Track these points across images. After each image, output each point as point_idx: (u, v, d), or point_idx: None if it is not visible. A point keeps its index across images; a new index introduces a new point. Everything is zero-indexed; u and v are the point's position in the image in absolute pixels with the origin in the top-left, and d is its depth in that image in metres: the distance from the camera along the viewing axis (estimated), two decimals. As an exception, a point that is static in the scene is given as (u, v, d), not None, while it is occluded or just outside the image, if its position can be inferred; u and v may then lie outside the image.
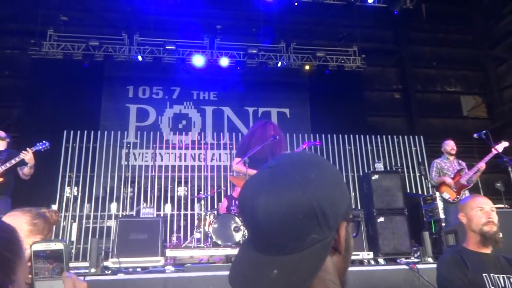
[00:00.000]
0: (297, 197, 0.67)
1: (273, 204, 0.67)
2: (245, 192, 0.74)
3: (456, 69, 12.10)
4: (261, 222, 0.67)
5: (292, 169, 0.71)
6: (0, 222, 0.70)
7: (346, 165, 9.26)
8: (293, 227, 0.67)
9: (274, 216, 0.66)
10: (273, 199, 0.67)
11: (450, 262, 2.33)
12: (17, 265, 0.67)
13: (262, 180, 0.71)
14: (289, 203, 0.67)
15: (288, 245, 0.67)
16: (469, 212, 2.40)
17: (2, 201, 4.87)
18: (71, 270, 1.12)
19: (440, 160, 6.18)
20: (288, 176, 0.70)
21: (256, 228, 0.69)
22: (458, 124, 11.43)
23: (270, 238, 0.68)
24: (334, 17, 10.68)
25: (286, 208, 0.66)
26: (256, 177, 0.75)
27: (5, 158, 4.93)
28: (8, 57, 10.02)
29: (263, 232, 0.68)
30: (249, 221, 0.70)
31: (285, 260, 0.67)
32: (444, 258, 2.42)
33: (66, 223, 7.84)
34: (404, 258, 4.94)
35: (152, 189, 8.44)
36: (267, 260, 0.68)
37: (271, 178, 0.71)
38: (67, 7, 9.87)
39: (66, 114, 8.86)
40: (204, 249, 5.12)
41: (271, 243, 0.68)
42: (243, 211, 0.72)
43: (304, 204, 0.67)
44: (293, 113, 10.26)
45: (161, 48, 9.69)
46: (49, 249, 1.07)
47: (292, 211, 0.66)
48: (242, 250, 0.75)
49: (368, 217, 5.64)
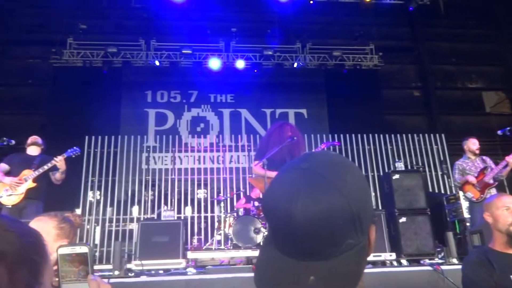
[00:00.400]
0: (337, 201, 0.65)
1: (313, 208, 0.64)
2: (275, 194, 0.69)
3: (477, 65, 11.85)
4: (299, 227, 0.64)
5: (328, 171, 0.68)
6: (26, 227, 0.71)
7: (365, 165, 9.16)
8: (332, 232, 0.65)
9: (314, 220, 0.63)
10: (313, 202, 0.64)
11: (475, 263, 2.27)
12: (44, 268, 0.69)
13: (296, 183, 0.67)
14: (329, 207, 0.64)
15: (325, 250, 0.65)
16: (495, 211, 2.33)
17: (34, 205, 5.01)
18: (96, 272, 1.14)
19: (461, 161, 6.00)
20: (325, 179, 0.67)
21: (292, 232, 0.65)
22: (480, 121, 11.18)
23: (306, 243, 0.65)
24: (349, 16, 10.60)
25: (326, 213, 0.64)
26: (287, 179, 0.70)
27: (38, 164, 5.09)
28: (30, 66, 10.30)
29: (300, 236, 0.65)
30: (282, 225, 0.66)
31: (320, 266, 0.65)
32: (470, 259, 2.36)
33: (89, 227, 7.97)
34: (427, 259, 4.86)
35: (172, 192, 8.52)
36: (301, 266, 0.65)
37: (306, 181, 0.67)
38: (86, 16, 10.08)
39: (87, 120, 9.05)
40: (225, 251, 5.14)
41: (307, 248, 0.65)
42: (275, 214, 0.68)
43: (344, 209, 0.65)
44: (311, 113, 10.21)
45: (177, 53, 9.80)
46: (75, 252, 1.09)
47: (332, 216, 0.64)
48: (266, 253, 0.72)
49: (389, 217, 5.56)
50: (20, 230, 0.68)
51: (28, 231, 0.70)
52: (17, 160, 5.25)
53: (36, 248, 0.68)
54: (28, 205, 4.99)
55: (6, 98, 10.10)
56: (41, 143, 5.44)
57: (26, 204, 5.00)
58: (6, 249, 0.63)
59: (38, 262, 0.67)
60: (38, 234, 0.72)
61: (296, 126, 5.30)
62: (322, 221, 0.64)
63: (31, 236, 0.70)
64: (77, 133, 8.50)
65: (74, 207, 7.90)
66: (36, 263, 0.67)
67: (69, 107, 9.25)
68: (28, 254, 0.66)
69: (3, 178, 5.07)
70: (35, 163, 5.10)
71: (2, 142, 5.15)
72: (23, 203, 5.00)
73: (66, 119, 9.09)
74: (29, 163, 5.13)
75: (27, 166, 5.10)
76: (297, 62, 10.20)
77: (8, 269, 0.62)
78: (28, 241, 0.68)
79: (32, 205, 4.99)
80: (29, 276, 0.65)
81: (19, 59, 10.36)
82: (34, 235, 0.71)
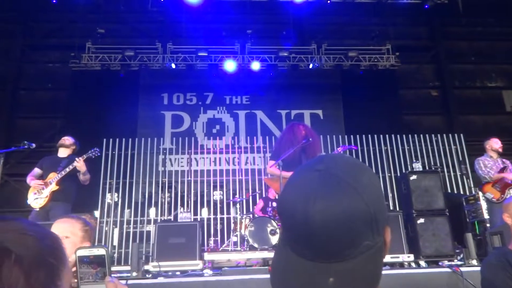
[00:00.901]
0: (356, 203, 0.65)
1: (331, 209, 0.64)
2: (291, 196, 0.69)
3: (496, 63, 11.62)
4: (317, 228, 0.64)
5: (344, 173, 0.68)
6: (44, 230, 0.72)
7: (382, 165, 9.06)
8: (350, 234, 0.65)
9: (332, 222, 0.63)
10: (331, 204, 0.64)
11: (495, 265, 2.23)
12: (61, 271, 0.70)
13: (313, 184, 0.67)
14: (347, 208, 0.64)
15: (343, 252, 0.65)
16: None
17: (61, 207, 5.07)
18: (113, 274, 1.16)
19: (483, 158, 5.95)
20: (342, 180, 0.67)
21: (309, 234, 0.65)
22: (500, 120, 10.96)
23: (324, 244, 0.65)
24: (365, 16, 10.50)
25: (345, 214, 0.64)
26: (302, 180, 0.70)
27: (64, 166, 5.16)
28: (50, 71, 10.52)
29: (317, 238, 0.64)
30: (299, 226, 0.66)
31: (339, 268, 0.65)
32: (489, 261, 2.32)
33: (108, 229, 8.08)
34: (446, 261, 4.78)
35: (188, 194, 8.58)
36: (319, 268, 0.65)
37: (322, 182, 0.67)
38: (103, 20, 10.24)
39: (105, 123, 9.20)
40: (241, 253, 5.15)
41: (325, 249, 0.65)
42: (291, 215, 0.68)
43: (362, 210, 0.65)
44: (326, 114, 10.16)
45: (193, 55, 9.87)
46: (92, 254, 1.12)
47: (351, 217, 0.64)
48: (282, 255, 0.72)
49: (407, 218, 5.49)
50: (37, 234, 0.69)
51: (46, 234, 0.71)
52: (47, 163, 5.36)
53: (53, 251, 0.70)
54: (54, 207, 5.06)
55: (26, 102, 10.34)
56: (70, 144, 5.46)
57: (52, 206, 5.08)
58: (22, 253, 0.64)
59: (55, 265, 0.68)
60: (56, 237, 0.73)
61: (311, 127, 5.28)
62: (340, 222, 0.64)
63: (49, 239, 0.71)
64: (95, 136, 8.63)
65: (93, 209, 8.02)
66: (53, 266, 0.68)
67: (88, 110, 9.43)
68: (45, 257, 0.67)
69: (30, 181, 5.18)
70: (61, 166, 5.18)
71: (23, 145, 5.25)
72: (49, 205, 5.08)
73: (84, 122, 9.25)
74: (56, 166, 5.21)
75: (54, 169, 5.18)
76: (313, 63, 10.17)
77: (24, 272, 0.63)
78: (46, 244, 0.69)
79: (58, 207, 5.05)
80: (46, 279, 0.66)
81: (38, 64, 10.59)
82: (52, 238, 0.72)
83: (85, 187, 5.64)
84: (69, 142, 5.47)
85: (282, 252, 0.71)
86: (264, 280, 3.47)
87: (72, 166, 5.09)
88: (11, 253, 0.63)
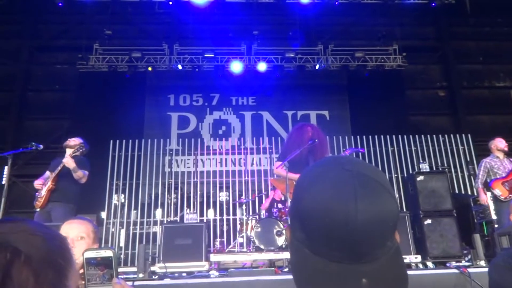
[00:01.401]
0: (390, 204, 0.66)
1: (371, 210, 0.63)
2: (325, 195, 0.66)
3: (504, 63, 11.52)
4: (358, 229, 0.62)
5: (373, 174, 0.68)
6: (52, 231, 0.73)
7: (389, 166, 9.02)
8: (383, 235, 0.65)
9: (372, 222, 0.63)
10: (371, 204, 0.64)
11: (502, 266, 2.20)
12: (69, 272, 0.70)
13: (349, 184, 0.65)
14: (384, 209, 0.65)
15: (372, 253, 0.64)
16: None
17: (60, 208, 5.04)
18: (120, 275, 1.16)
19: (489, 159, 5.91)
20: (375, 181, 0.67)
21: (347, 234, 0.62)
22: (509, 120, 10.86)
23: (358, 245, 0.63)
24: (372, 16, 10.46)
25: (382, 215, 0.64)
26: (335, 179, 0.67)
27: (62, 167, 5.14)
28: (57, 72, 10.60)
29: (355, 239, 0.63)
30: (335, 226, 0.63)
31: (367, 269, 0.64)
32: (496, 262, 2.29)
33: (114, 230, 8.12)
34: (454, 262, 4.75)
35: (194, 195, 8.59)
36: (348, 270, 0.64)
37: (358, 182, 0.65)
38: (111, 22, 10.29)
39: (112, 124, 9.24)
40: (247, 254, 5.15)
41: (357, 251, 0.64)
42: (325, 215, 0.64)
43: (394, 211, 0.66)
44: (333, 115, 10.13)
45: (200, 56, 9.89)
46: (100, 256, 1.12)
47: (386, 218, 0.65)
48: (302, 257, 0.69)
49: (414, 219, 5.46)
50: (46, 234, 0.70)
51: (54, 235, 0.72)
52: (52, 165, 5.37)
53: (61, 252, 0.70)
54: (54, 208, 5.05)
55: (34, 104, 10.41)
56: (74, 144, 5.33)
57: (52, 207, 5.06)
58: (31, 253, 0.65)
59: (63, 266, 0.69)
60: (63, 238, 0.74)
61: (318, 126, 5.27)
62: (378, 223, 0.64)
63: (57, 240, 0.72)
64: (102, 137, 8.68)
65: (99, 210, 8.06)
66: (61, 267, 0.69)
67: (94, 112, 9.47)
68: (54, 258, 0.68)
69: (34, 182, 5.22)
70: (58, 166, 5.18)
71: (31, 146, 5.28)
72: (49, 206, 5.06)
73: (91, 123, 9.29)
74: (57, 166, 5.19)
75: (54, 170, 5.19)
76: (319, 64, 10.15)
77: (33, 272, 0.64)
78: (54, 245, 0.70)
79: (58, 208, 5.03)
80: (54, 279, 0.67)
81: (46, 65, 10.67)
82: (60, 239, 0.73)
83: (92, 188, 5.66)
84: (74, 142, 5.36)
85: (301, 255, 0.69)
86: (270, 281, 3.47)
87: (62, 164, 5.06)
88: (20, 254, 0.64)
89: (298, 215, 0.69)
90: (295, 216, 0.71)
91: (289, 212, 0.76)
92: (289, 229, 0.75)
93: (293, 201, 0.73)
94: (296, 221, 0.71)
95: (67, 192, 5.17)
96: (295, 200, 0.71)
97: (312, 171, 0.73)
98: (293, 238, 0.72)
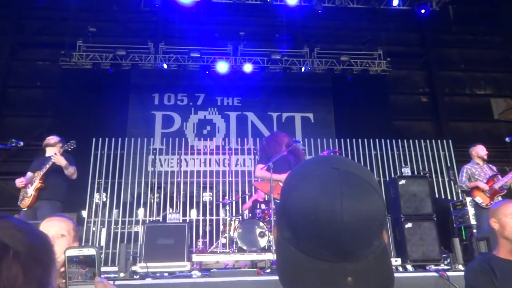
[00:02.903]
0: (378, 202, 0.65)
1: (359, 208, 0.63)
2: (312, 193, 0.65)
3: (485, 71, 11.80)
4: (344, 227, 0.62)
5: (360, 173, 0.68)
6: (35, 228, 0.72)
7: (372, 170, 9.10)
8: (370, 233, 0.65)
9: (358, 221, 0.62)
10: (358, 203, 0.63)
11: (477, 270, 2.25)
12: (52, 269, 0.70)
13: (336, 182, 0.65)
14: (372, 208, 0.64)
15: (358, 251, 0.64)
16: (502, 218, 2.28)
17: (48, 205, 4.96)
18: (101, 274, 1.15)
19: (470, 165, 6.01)
20: (363, 180, 0.67)
21: (334, 233, 0.62)
22: (488, 127, 11.12)
23: (345, 244, 0.63)
24: (358, 21, 10.59)
25: (369, 213, 0.64)
26: (322, 177, 0.67)
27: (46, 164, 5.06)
28: (40, 68, 10.40)
29: (341, 237, 0.62)
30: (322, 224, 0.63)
31: (354, 268, 0.64)
32: (471, 266, 2.34)
33: (95, 229, 8.00)
34: (433, 265, 4.82)
35: (178, 195, 8.53)
36: (335, 268, 0.64)
37: (346, 181, 0.65)
38: (95, 19, 10.17)
39: (95, 122, 9.12)
40: (230, 254, 5.14)
41: (344, 249, 0.63)
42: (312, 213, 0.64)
43: (381, 210, 0.66)
44: (317, 118, 10.20)
45: (185, 56, 9.85)
46: (82, 254, 1.11)
47: (373, 217, 0.64)
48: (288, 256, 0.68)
49: (395, 223, 5.54)
50: (29, 231, 0.70)
51: (37, 233, 0.72)
52: (35, 164, 5.27)
53: (45, 249, 0.70)
54: (42, 206, 4.97)
55: (15, 100, 10.21)
56: (55, 142, 5.29)
57: (39, 205, 4.99)
58: (20, 248, 0.65)
59: (47, 263, 0.69)
60: (46, 236, 0.74)
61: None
62: (364, 221, 0.63)
63: (40, 238, 0.71)
64: (84, 135, 8.54)
65: (81, 208, 7.93)
66: (46, 264, 0.68)
67: (77, 109, 9.32)
68: (39, 255, 0.68)
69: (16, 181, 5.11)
70: (45, 164, 5.09)
71: (11, 143, 5.17)
72: (36, 205, 5.00)
73: (74, 120, 9.14)
74: (41, 165, 5.12)
75: (39, 168, 5.10)
76: (305, 66, 10.21)
77: (22, 267, 0.63)
78: (38, 242, 0.69)
79: (45, 205, 4.96)
80: (41, 276, 0.66)
81: (28, 61, 10.47)
82: (42, 237, 0.72)
83: (73, 187, 5.57)
84: (54, 140, 5.31)
85: (288, 253, 0.68)
86: (252, 282, 3.47)
87: (51, 162, 5.00)
88: (9, 249, 0.63)
89: (286, 213, 0.69)
90: (283, 214, 0.70)
91: (277, 210, 0.75)
92: (276, 228, 0.74)
93: (281, 199, 0.72)
94: (284, 219, 0.70)
95: (57, 189, 5.12)
96: (283, 198, 0.71)
97: (301, 170, 0.73)
98: (280, 237, 0.71)
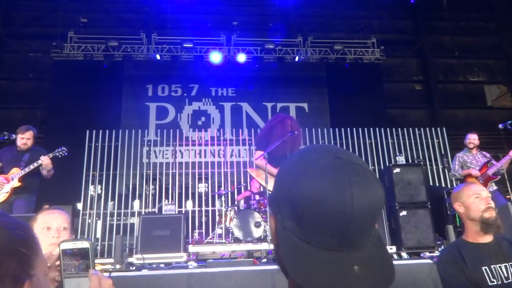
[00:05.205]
0: (380, 191, 0.67)
1: (365, 198, 0.64)
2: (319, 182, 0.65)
3: (479, 58, 11.82)
4: (352, 216, 0.62)
5: (361, 163, 0.69)
6: (15, 220, 0.72)
7: (366, 158, 9.14)
8: (372, 221, 0.67)
9: (365, 210, 0.63)
10: (365, 192, 0.64)
11: (446, 260, 2.23)
12: (34, 261, 0.69)
13: (343, 172, 0.65)
14: (376, 197, 0.66)
15: (361, 239, 0.65)
16: (466, 200, 2.28)
17: (24, 199, 4.99)
18: (97, 266, 1.15)
19: (462, 153, 6.07)
20: (365, 169, 0.68)
21: (343, 222, 0.62)
22: (482, 114, 11.17)
23: (352, 233, 0.63)
24: (351, 9, 10.54)
25: (375, 202, 0.66)
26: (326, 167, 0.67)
27: (26, 162, 5.02)
28: (31, 60, 10.28)
29: (350, 226, 0.63)
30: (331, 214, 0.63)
31: (357, 256, 0.64)
32: (441, 257, 2.32)
33: (91, 221, 8.00)
34: (428, 252, 4.88)
35: (173, 186, 8.53)
36: (341, 257, 0.64)
37: (351, 170, 0.66)
38: (86, 9, 10.04)
39: (88, 114, 9.05)
40: (226, 245, 5.17)
41: (349, 238, 0.64)
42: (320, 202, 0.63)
43: (383, 199, 0.68)
44: (312, 107, 10.19)
45: (178, 46, 9.77)
46: (76, 247, 1.10)
47: (377, 206, 0.66)
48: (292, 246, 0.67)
49: (390, 210, 5.58)
50: (7, 224, 0.69)
51: (17, 224, 0.71)
52: (8, 157, 5.15)
53: (24, 241, 0.69)
54: (17, 199, 4.97)
55: (6, 92, 10.10)
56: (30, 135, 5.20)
57: (15, 199, 4.98)
58: None
59: (27, 254, 0.68)
60: (27, 227, 0.73)
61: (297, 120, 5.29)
62: (370, 210, 0.65)
63: (20, 229, 0.70)
64: (78, 127, 8.52)
65: (75, 201, 7.92)
66: (25, 256, 0.67)
67: (70, 101, 9.24)
68: (16, 247, 0.67)
69: None
70: (23, 161, 5.04)
71: (3, 136, 5.13)
72: (12, 199, 4.97)
73: (67, 113, 9.08)
74: (18, 161, 5.05)
75: (16, 164, 5.03)
76: (299, 56, 10.17)
77: None
78: (16, 234, 0.69)
79: (21, 199, 4.97)
80: (17, 269, 0.65)
81: (19, 53, 10.34)
82: (23, 228, 0.71)
83: (68, 179, 5.57)
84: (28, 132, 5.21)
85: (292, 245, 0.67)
86: (248, 272, 3.49)
87: (37, 164, 4.97)
88: None
89: (289, 202, 0.68)
90: (284, 204, 0.69)
91: (275, 200, 0.73)
92: (273, 218, 0.73)
93: (282, 189, 0.70)
94: (285, 209, 0.69)
95: (32, 186, 5.13)
96: (285, 187, 0.69)
97: (302, 158, 0.71)
98: (280, 227, 0.70)
